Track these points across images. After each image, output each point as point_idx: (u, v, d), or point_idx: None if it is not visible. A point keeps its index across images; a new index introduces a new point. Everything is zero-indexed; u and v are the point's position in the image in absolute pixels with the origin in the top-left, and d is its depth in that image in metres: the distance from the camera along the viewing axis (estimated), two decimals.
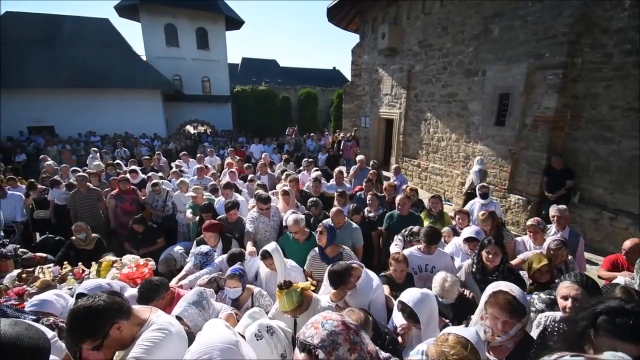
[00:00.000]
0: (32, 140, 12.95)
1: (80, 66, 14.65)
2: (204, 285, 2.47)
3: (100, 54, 15.46)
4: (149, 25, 17.15)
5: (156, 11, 16.93)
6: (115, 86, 15.12)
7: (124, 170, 6.45)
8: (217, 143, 13.06)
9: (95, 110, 15.05)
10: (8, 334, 0.78)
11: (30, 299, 2.42)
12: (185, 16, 17.52)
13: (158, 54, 17.45)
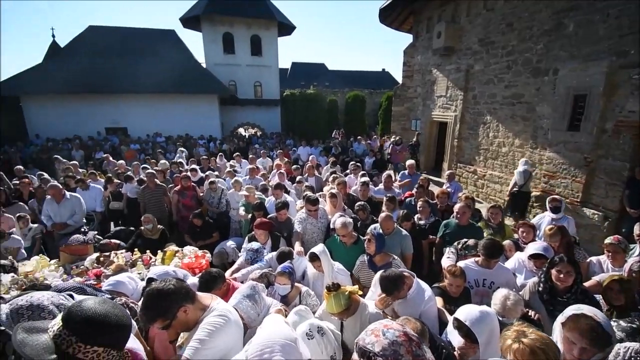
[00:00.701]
0: (109, 140, 14.84)
1: (150, 74, 16.45)
2: (256, 279, 2.61)
3: (166, 63, 17.21)
4: (209, 35, 18.63)
5: (216, 21, 18.33)
6: (179, 92, 16.68)
7: (185, 169, 7.07)
8: (266, 145, 13.66)
9: (162, 114, 16.76)
10: (98, 311, 0.89)
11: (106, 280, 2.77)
12: (241, 25, 18.70)
13: (216, 61, 18.86)
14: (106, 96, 15.89)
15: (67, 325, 0.82)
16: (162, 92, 16.46)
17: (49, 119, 15.58)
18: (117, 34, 17.97)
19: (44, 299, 1.19)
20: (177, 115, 16.92)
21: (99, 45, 17.00)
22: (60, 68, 15.97)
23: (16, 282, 3.22)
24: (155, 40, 18.08)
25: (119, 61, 16.60)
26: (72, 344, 0.80)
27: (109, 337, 0.87)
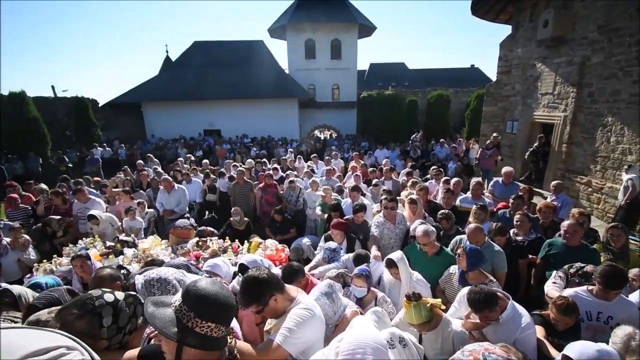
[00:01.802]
0: (206, 140, 17.08)
1: (240, 81, 18.40)
2: (332, 278, 2.68)
3: (255, 71, 19.02)
4: (293, 42, 19.89)
5: (299, 29, 19.46)
6: (264, 96, 18.23)
7: (268, 168, 7.69)
8: (342, 147, 13.88)
9: (249, 117, 18.55)
10: (210, 290, 0.99)
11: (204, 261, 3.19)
12: (323, 30, 19.45)
13: (298, 66, 20.01)
14: (205, 102, 18.37)
15: (186, 301, 0.96)
16: (249, 97, 18.24)
17: (162, 121, 18.77)
18: (216, 47, 20.61)
19: (169, 274, 1.46)
20: (261, 118, 18.50)
21: (201, 58, 19.83)
22: (171, 79, 19.12)
23: (136, 256, 3.98)
24: (247, 51, 20.15)
25: (216, 71, 19.01)
26: (191, 318, 0.94)
27: (220, 315, 0.99)
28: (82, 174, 8.97)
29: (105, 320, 1.06)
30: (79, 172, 10.71)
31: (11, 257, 3.99)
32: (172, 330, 0.90)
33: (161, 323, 0.91)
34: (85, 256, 2.94)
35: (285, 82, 19.02)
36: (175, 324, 0.91)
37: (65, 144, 14.13)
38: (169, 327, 0.91)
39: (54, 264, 3.74)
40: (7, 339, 0.71)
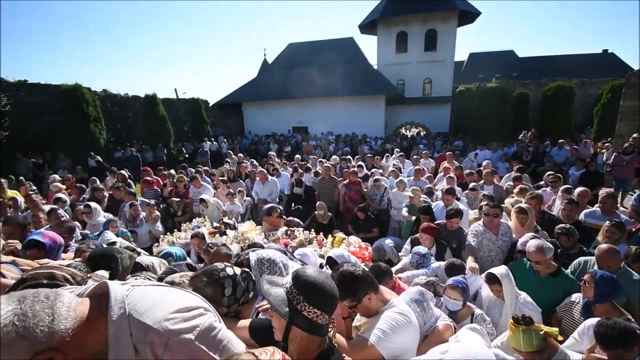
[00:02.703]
0: (294, 137, 18.22)
1: (328, 79, 18.96)
2: (422, 285, 2.55)
3: (343, 68, 19.33)
4: (383, 37, 19.51)
5: (391, 22, 18.95)
6: (350, 94, 18.40)
7: (352, 165, 7.77)
8: (432, 146, 13.04)
9: (335, 114, 19.04)
10: (319, 279, 1.06)
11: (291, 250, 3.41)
12: (417, 21, 18.52)
13: (387, 61, 19.56)
14: (294, 100, 19.59)
15: (296, 285, 1.04)
16: (336, 95, 18.67)
17: (257, 119, 20.79)
18: (308, 47, 21.72)
19: (276, 257, 1.62)
20: (345, 115, 18.76)
21: (295, 59, 21.15)
22: (267, 80, 20.96)
23: (236, 238, 4.51)
24: (337, 49, 20.62)
25: (307, 71, 20.03)
26: (300, 302, 1.02)
27: (326, 303, 1.05)
28: (195, 164, 10.64)
29: (226, 290, 1.24)
30: (192, 162, 12.71)
31: (145, 228, 5.00)
32: (284, 309, 1.00)
33: (275, 301, 1.01)
34: (201, 236, 3.50)
35: (372, 78, 18.83)
36: (287, 304, 1.01)
37: (183, 138, 16.95)
38: (281, 306, 1.00)
39: (175, 237, 4.55)
40: (158, 294, 0.89)
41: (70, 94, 11.43)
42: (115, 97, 14.70)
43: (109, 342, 0.75)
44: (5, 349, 0.61)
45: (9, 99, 10.43)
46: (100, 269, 1.60)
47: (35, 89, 11.69)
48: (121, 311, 0.77)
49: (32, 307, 0.67)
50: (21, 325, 0.64)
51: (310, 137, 17.56)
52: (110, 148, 12.86)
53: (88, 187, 6.28)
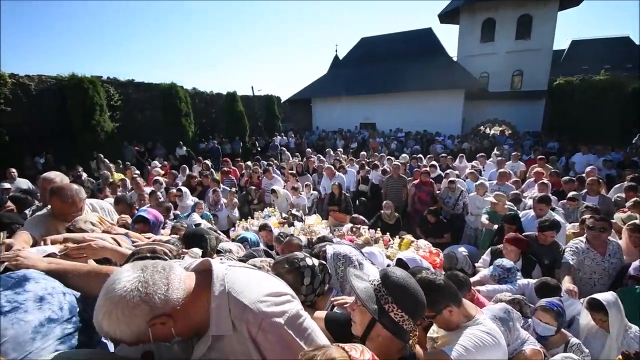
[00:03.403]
0: (361, 133, 18.06)
1: (402, 74, 18.25)
2: (507, 303, 2.30)
3: (419, 61, 18.43)
4: (466, 25, 17.98)
5: (476, 9, 17.35)
6: (424, 89, 17.44)
7: (424, 164, 7.39)
8: (519, 147, 11.63)
9: (406, 110, 18.29)
10: (409, 282, 1.05)
11: None
12: (508, 6, 16.63)
13: (470, 52, 18.01)
14: (363, 96, 19.37)
15: (385, 284, 1.04)
16: (409, 89, 17.89)
17: (325, 115, 21.17)
18: (381, 41, 21.25)
19: (352, 254, 1.63)
20: (417, 112, 17.86)
21: (367, 53, 20.91)
22: (337, 76, 21.14)
23: (303, 230, 4.69)
24: (412, 41, 19.74)
25: (379, 66, 19.63)
26: (389, 302, 1.01)
27: (415, 309, 1.03)
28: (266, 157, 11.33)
29: (305, 279, 1.29)
30: (264, 155, 13.55)
31: (224, 213, 5.51)
32: (372, 305, 1.00)
33: (364, 295, 1.02)
34: (269, 229, 3.75)
35: (451, 71, 17.54)
36: (375, 302, 1.00)
37: (256, 132, 18.20)
38: (369, 302, 1.00)
39: (248, 223, 4.92)
40: (251, 276, 0.96)
41: (167, 92, 13.18)
42: (202, 95, 16.44)
43: (211, 315, 0.84)
44: (130, 310, 0.73)
45: (120, 95, 12.47)
46: (193, 247, 1.80)
47: (140, 87, 13.73)
48: (221, 288, 0.86)
49: (152, 276, 0.78)
50: (144, 291, 0.75)
51: (377, 133, 17.22)
52: (196, 140, 14.46)
53: (179, 174, 7.19)
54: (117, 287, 0.73)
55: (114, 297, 0.72)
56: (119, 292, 0.72)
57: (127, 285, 0.74)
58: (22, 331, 0.83)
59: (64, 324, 0.92)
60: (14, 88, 9.77)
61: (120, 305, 0.72)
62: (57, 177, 2.23)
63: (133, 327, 0.74)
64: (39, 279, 0.97)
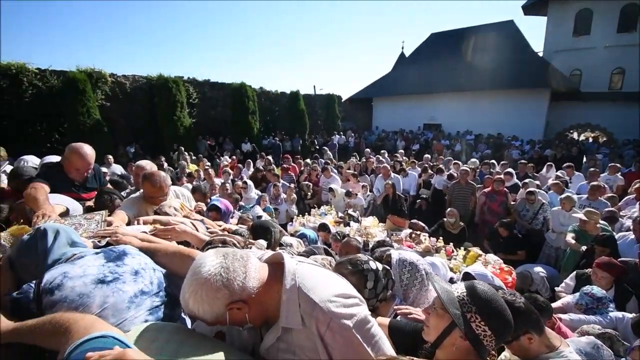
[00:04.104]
0: (424, 134, 17.23)
1: (474, 71, 16.92)
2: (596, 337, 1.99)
3: (496, 58, 16.85)
4: (556, 17, 15.97)
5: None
6: (502, 87, 15.92)
7: (497, 171, 6.76)
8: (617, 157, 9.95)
9: (477, 111, 16.92)
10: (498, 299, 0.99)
11: None
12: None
13: (559, 47, 15.96)
14: (429, 95, 18.45)
15: (471, 295, 0.98)
16: (481, 89, 16.52)
17: (386, 114, 20.66)
18: (454, 36, 19.95)
19: (420, 263, 1.55)
20: (491, 113, 16.39)
21: (437, 50, 19.83)
22: (402, 74, 20.43)
23: (359, 230, 4.64)
24: (490, 35, 18.15)
25: (448, 63, 18.48)
26: (472, 312, 0.95)
27: (500, 327, 0.95)
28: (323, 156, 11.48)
29: (368, 283, 1.27)
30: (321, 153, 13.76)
31: (284, 207, 5.74)
32: (454, 310, 0.95)
33: (446, 298, 0.98)
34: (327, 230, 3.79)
35: (536, 69, 15.67)
36: (457, 307, 0.96)
37: (316, 131, 18.56)
38: (451, 305, 0.96)
39: (305, 219, 5.05)
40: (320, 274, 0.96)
41: (237, 91, 14.18)
42: (267, 94, 17.32)
43: (281, 307, 0.87)
44: (214, 292, 0.79)
45: (197, 94, 13.77)
46: (260, 238, 1.90)
47: (215, 86, 14.98)
48: (292, 282, 0.88)
49: (232, 264, 0.84)
50: (225, 276, 0.81)
51: (443, 135, 16.25)
52: (260, 136, 15.30)
53: (244, 167, 7.69)
54: (203, 269, 0.80)
55: (200, 279, 0.79)
56: (204, 274, 0.79)
57: (211, 270, 0.80)
58: (120, 300, 0.95)
59: (153, 297, 1.04)
60: (113, 86, 11.46)
61: (205, 286, 0.78)
62: (148, 165, 2.55)
63: (214, 308, 0.80)
64: (135, 255, 1.11)
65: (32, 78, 9.74)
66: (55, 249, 1.04)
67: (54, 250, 1.04)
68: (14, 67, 9.40)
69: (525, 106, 15.64)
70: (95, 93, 10.55)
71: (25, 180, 2.20)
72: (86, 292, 0.91)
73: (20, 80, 9.44)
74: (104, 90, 11.10)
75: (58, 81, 10.12)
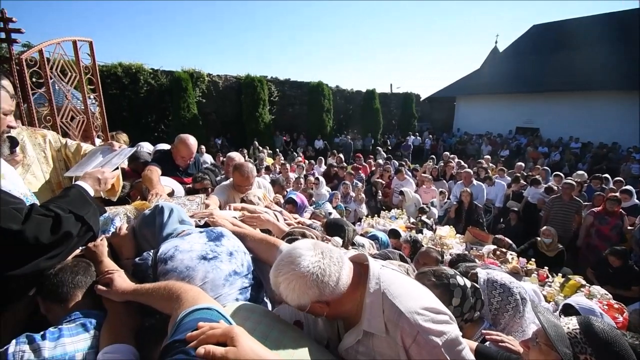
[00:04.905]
0: (517, 139, 15.35)
1: (583, 68, 14.41)
2: None
3: (615, 51, 14.09)
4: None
5: None
6: (615, 88, 13.25)
7: (610, 188, 5.68)
8: None
9: (584, 115, 14.41)
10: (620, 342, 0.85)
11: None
12: None
13: None
14: (526, 95, 16.34)
15: (586, 334, 0.86)
16: (590, 89, 13.98)
17: (471, 115, 18.98)
18: (560, 28, 17.32)
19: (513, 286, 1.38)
20: (608, 119, 13.74)
21: (539, 44, 17.47)
22: (494, 71, 18.51)
23: (432, 239, 4.38)
24: (608, 26, 15.25)
25: (553, 58, 16.11)
26: (586, 352, 0.84)
27: None
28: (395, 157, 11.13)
29: (454, 300, 1.18)
30: (394, 154, 13.36)
31: (352, 206, 5.73)
32: (564, 349, 0.84)
33: (555, 334, 0.87)
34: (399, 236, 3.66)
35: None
36: (567, 346, 0.84)
37: (389, 130, 18.09)
38: (560, 343, 0.85)
39: (374, 221, 4.96)
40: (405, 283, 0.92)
41: (314, 89, 14.66)
42: (343, 92, 17.49)
43: (364, 310, 0.86)
44: (306, 288, 0.82)
45: (278, 92, 14.63)
46: (334, 235, 1.93)
47: (294, 85, 15.72)
48: (377, 287, 0.86)
49: (329, 267, 0.85)
50: (320, 278, 0.83)
51: (540, 141, 14.24)
52: (332, 134, 15.56)
53: (316, 164, 7.91)
54: (302, 263, 0.83)
55: (297, 272, 0.82)
56: (302, 269, 0.82)
57: (309, 267, 0.83)
58: (217, 276, 1.06)
59: (243, 278, 1.13)
60: (209, 85, 12.89)
61: (300, 280, 0.82)
62: (237, 156, 2.80)
63: (301, 300, 0.83)
64: (229, 237, 1.22)
65: (147, 77, 11.55)
66: (169, 224, 1.21)
67: (168, 225, 1.21)
68: (134, 67, 11.28)
69: None
70: (194, 90, 12.03)
71: (142, 163, 2.62)
72: (192, 265, 1.03)
73: (138, 78, 11.28)
74: (202, 88, 12.58)
75: (166, 80, 11.81)
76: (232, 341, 0.61)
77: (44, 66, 2.55)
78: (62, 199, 1.19)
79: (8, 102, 1.14)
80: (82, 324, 0.94)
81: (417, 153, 14.52)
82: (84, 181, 1.33)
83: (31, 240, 1.01)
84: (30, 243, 1.02)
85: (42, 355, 0.84)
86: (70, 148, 1.75)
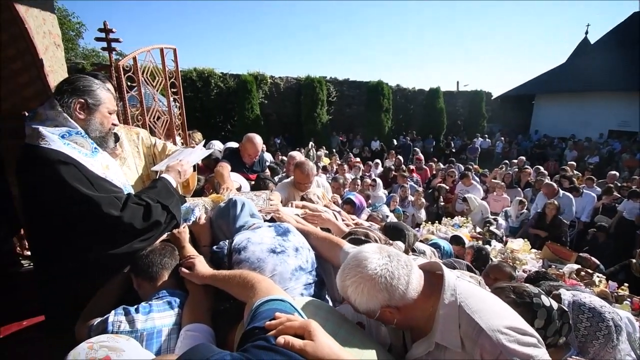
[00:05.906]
0: (609, 144, 13.28)
1: None
2: None
3: None
4: None
5: None
6: None
7: None
8: None
9: None
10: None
11: None
12: None
13: None
14: (621, 93, 14.06)
15: None
16: None
17: (551, 116, 16.92)
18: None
19: (606, 311, 1.21)
20: None
21: (638, 34, 14.86)
22: (583, 65, 16.26)
23: (502, 252, 4.02)
24: None
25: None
26: None
27: None
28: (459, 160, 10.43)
29: (537, 321, 1.07)
30: (458, 157, 12.53)
31: (410, 211, 5.54)
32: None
33: None
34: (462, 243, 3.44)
35: None
36: None
37: (454, 131, 17.00)
38: None
39: (435, 228, 4.71)
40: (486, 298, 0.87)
41: (373, 89, 14.45)
42: (404, 91, 16.94)
43: (436, 321, 0.82)
44: (375, 292, 0.81)
45: (336, 92, 14.74)
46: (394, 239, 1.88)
47: (353, 85, 15.67)
48: (452, 298, 0.82)
49: (397, 270, 0.84)
50: (390, 281, 0.82)
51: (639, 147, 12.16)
52: (390, 135, 15.18)
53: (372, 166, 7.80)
54: (369, 266, 0.83)
55: (365, 275, 0.82)
56: (370, 272, 0.82)
57: (377, 270, 0.82)
58: (285, 270, 1.11)
59: (308, 274, 1.17)
60: (271, 86, 13.54)
61: (368, 283, 0.82)
62: (298, 155, 2.90)
63: (370, 305, 0.83)
64: (295, 233, 1.27)
65: (217, 80, 12.56)
66: (241, 216, 1.31)
67: (241, 217, 1.31)
68: (206, 72, 12.35)
69: None
70: (258, 92, 12.76)
71: (213, 159, 2.86)
72: (262, 257, 1.10)
73: (209, 81, 12.33)
74: (264, 90, 13.29)
75: (233, 83, 12.71)
76: (310, 335, 0.63)
77: (137, 72, 2.93)
78: (151, 190, 1.37)
79: (113, 103, 1.37)
80: (168, 301, 1.06)
81: (484, 156, 13.44)
82: (168, 174, 1.51)
83: (127, 225, 1.19)
84: (127, 227, 1.19)
85: (136, 326, 0.97)
86: (158, 147, 1.99)
